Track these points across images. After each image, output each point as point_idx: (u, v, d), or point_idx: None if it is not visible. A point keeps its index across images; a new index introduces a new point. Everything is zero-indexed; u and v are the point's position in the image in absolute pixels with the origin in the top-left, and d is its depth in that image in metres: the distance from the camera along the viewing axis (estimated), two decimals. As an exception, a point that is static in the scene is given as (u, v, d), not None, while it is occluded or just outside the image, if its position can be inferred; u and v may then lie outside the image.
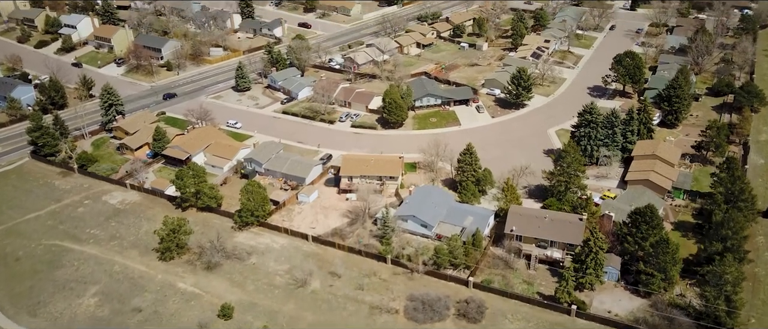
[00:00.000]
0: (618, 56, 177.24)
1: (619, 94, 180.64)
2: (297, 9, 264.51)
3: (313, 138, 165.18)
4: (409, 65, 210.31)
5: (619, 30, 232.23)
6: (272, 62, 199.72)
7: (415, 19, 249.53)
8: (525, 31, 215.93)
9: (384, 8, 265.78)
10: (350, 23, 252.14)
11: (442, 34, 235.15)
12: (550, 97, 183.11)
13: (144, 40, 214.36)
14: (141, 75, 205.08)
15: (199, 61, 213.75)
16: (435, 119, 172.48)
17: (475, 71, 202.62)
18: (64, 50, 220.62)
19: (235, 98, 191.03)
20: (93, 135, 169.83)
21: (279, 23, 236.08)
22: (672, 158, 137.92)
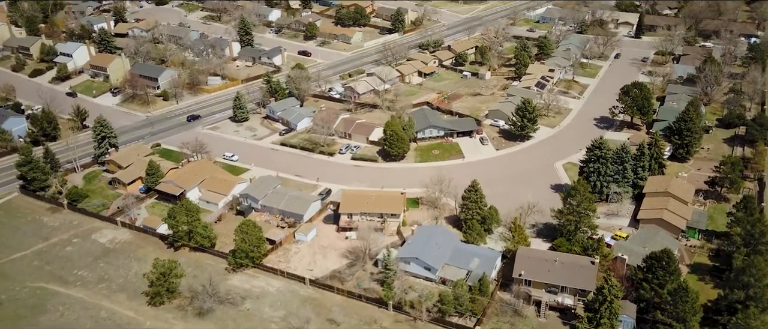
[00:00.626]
0: (625, 87, 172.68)
1: (627, 125, 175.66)
2: (297, 37, 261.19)
3: (312, 171, 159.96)
4: (411, 94, 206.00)
5: (624, 58, 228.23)
6: (271, 92, 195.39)
7: (416, 47, 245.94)
8: (529, 59, 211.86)
9: (385, 36, 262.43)
10: (351, 51, 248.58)
11: (444, 62, 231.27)
12: (556, 128, 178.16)
13: (140, 69, 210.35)
14: (136, 105, 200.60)
15: (197, 90, 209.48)
16: (438, 152, 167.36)
17: (478, 101, 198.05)
18: (58, 79, 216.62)
19: (232, 128, 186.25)
20: (85, 168, 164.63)
21: (278, 51, 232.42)
22: (685, 196, 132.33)
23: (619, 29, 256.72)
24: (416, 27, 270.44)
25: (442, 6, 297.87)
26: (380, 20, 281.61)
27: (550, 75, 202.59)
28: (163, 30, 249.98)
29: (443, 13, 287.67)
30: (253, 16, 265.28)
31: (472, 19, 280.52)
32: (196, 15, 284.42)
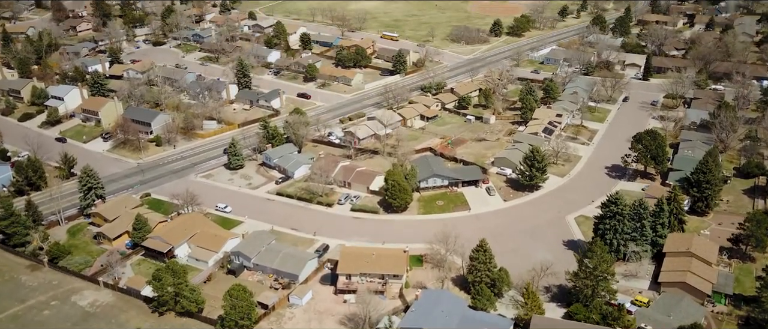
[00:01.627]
0: (638, 135, 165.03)
1: (641, 175, 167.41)
2: (297, 78, 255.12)
3: (309, 224, 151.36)
4: (413, 139, 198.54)
5: (633, 102, 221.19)
6: (268, 138, 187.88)
7: (418, 89, 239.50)
8: (535, 104, 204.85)
9: (386, 78, 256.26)
10: (351, 93, 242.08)
11: (447, 105, 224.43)
12: (566, 177, 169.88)
13: (133, 114, 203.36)
14: (128, 151, 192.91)
15: (191, 135, 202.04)
16: (442, 202, 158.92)
17: (483, 147, 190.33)
18: (48, 124, 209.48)
19: (226, 176, 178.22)
20: (70, 221, 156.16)
21: (277, 94, 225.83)
22: (709, 256, 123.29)
23: (625, 71, 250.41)
24: (418, 68, 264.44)
25: (444, 47, 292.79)
26: (381, 61, 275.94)
27: (558, 120, 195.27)
28: (159, 72, 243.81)
29: (445, 54, 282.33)
30: (252, 58, 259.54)
31: (475, 61, 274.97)
32: (193, 56, 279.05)
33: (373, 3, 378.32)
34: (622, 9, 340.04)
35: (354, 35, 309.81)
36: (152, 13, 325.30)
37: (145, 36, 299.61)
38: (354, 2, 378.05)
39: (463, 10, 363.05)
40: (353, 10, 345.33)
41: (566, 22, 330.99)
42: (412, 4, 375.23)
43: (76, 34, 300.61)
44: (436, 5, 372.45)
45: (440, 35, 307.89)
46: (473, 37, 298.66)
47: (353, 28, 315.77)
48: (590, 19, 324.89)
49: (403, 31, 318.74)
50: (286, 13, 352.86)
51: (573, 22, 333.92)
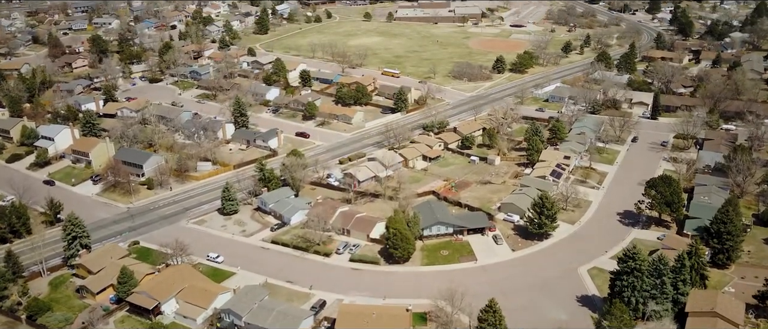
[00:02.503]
0: (651, 181, 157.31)
1: (655, 222, 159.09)
2: (296, 116, 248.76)
3: (305, 276, 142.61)
4: (415, 181, 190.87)
5: (642, 142, 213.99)
6: (263, 181, 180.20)
7: (420, 127, 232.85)
8: (541, 145, 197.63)
9: (387, 116, 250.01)
10: (351, 132, 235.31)
11: (450, 145, 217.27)
12: (576, 225, 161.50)
13: (124, 155, 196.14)
14: (118, 195, 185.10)
15: (185, 177, 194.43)
16: (447, 252, 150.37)
17: (488, 191, 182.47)
18: (37, 165, 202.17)
19: (219, 222, 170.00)
20: (53, 272, 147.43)
21: (274, 134, 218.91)
22: (736, 316, 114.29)
23: (633, 109, 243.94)
24: (420, 106, 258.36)
25: (445, 84, 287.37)
26: (382, 99, 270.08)
27: (566, 162, 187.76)
28: (154, 110, 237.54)
29: (447, 91, 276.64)
30: (250, 96, 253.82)
31: (478, 98, 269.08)
32: (190, 93, 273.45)
33: (373, 39, 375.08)
34: (626, 45, 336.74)
35: (354, 72, 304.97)
36: (150, 49, 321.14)
37: (142, 72, 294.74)
38: (355, 38, 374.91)
39: (465, 46, 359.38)
40: (354, 47, 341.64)
41: (570, 59, 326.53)
42: (413, 41, 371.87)
43: (72, 71, 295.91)
44: (437, 41, 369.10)
45: (442, 72, 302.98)
46: (475, 74, 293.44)
47: (354, 65, 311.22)
48: (594, 55, 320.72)
49: (405, 68, 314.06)
50: (286, 50, 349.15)
51: (577, 58, 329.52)
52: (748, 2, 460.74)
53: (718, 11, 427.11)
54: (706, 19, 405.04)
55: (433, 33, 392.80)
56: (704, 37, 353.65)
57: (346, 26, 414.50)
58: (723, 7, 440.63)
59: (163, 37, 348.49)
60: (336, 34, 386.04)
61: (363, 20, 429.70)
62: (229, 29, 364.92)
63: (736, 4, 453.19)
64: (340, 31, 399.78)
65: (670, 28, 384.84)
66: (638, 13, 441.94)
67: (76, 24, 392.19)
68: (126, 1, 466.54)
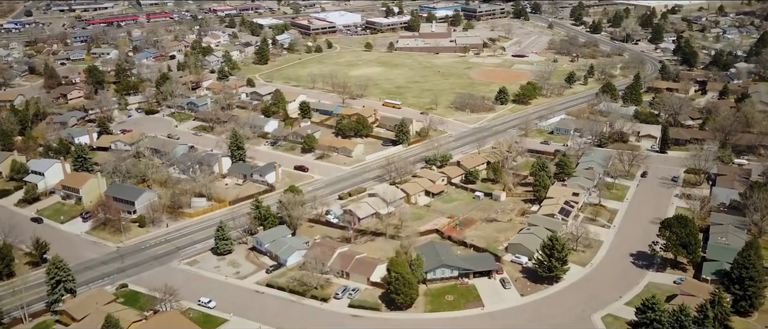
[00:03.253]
0: (666, 221, 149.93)
1: (671, 264, 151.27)
2: (294, 149, 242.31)
3: (302, 323, 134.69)
4: (418, 219, 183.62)
5: (652, 177, 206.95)
6: (259, 219, 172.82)
7: (422, 160, 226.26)
8: (548, 180, 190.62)
9: (388, 148, 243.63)
10: (352, 165, 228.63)
11: (453, 179, 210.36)
12: (588, 267, 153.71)
13: (116, 191, 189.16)
14: (107, 233, 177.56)
15: (178, 214, 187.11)
16: (452, 297, 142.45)
17: (494, 229, 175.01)
18: (26, 202, 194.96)
19: (213, 263, 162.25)
20: (35, 317, 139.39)
21: (272, 168, 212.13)
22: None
23: (641, 142, 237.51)
24: (421, 138, 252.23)
25: (448, 115, 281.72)
26: (383, 131, 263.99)
27: (575, 199, 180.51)
28: (148, 143, 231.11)
29: (450, 122, 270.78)
30: (247, 128, 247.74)
31: (481, 130, 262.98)
32: (187, 125, 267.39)
33: (374, 69, 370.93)
34: (630, 75, 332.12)
35: (355, 103, 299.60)
36: (148, 79, 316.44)
37: (138, 104, 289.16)
38: (355, 69, 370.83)
39: (467, 76, 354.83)
40: (354, 77, 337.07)
41: (574, 89, 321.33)
42: (415, 71, 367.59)
43: (67, 102, 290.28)
44: (438, 72, 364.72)
45: (444, 103, 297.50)
46: (478, 105, 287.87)
47: (354, 96, 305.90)
48: (598, 85, 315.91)
49: (406, 99, 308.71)
50: (286, 80, 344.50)
51: (581, 88, 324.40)
52: (750, 32, 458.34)
53: (721, 41, 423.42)
54: (710, 49, 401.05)
55: (435, 63, 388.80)
56: (709, 68, 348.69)
57: (347, 56, 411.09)
58: (726, 37, 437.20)
59: (161, 67, 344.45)
60: (336, 65, 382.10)
61: (364, 50, 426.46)
62: (228, 59, 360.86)
63: (739, 34, 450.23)
64: (340, 61, 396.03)
65: (674, 59, 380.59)
66: (641, 43, 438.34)
67: (74, 54, 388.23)
68: (125, 32, 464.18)
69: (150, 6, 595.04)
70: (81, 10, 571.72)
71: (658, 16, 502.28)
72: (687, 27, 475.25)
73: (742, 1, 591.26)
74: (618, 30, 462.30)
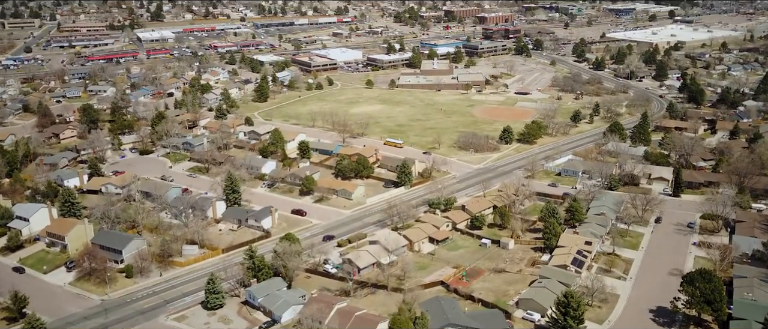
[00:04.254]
0: (689, 276, 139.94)
1: (694, 321, 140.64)
2: (292, 192, 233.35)
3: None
4: (421, 268, 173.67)
5: (666, 223, 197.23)
6: (253, 270, 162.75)
7: (425, 203, 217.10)
8: (558, 227, 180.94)
9: (390, 190, 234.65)
10: (351, 209, 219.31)
11: (458, 224, 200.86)
12: (605, 324, 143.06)
13: (103, 239, 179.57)
14: (92, 284, 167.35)
15: (168, 263, 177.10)
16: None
17: (503, 281, 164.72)
18: (8, 249, 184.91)
19: (202, 319, 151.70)
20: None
21: (268, 213, 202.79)
22: None
23: (652, 185, 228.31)
24: (424, 179, 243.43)
25: (451, 154, 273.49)
26: (384, 171, 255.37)
27: (588, 249, 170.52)
28: (141, 186, 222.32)
29: (453, 162, 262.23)
30: (244, 170, 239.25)
31: (486, 171, 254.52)
32: (182, 166, 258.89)
33: (375, 107, 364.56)
34: (637, 113, 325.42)
35: (356, 142, 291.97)
36: (143, 118, 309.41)
37: (133, 144, 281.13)
38: (356, 106, 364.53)
39: (469, 114, 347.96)
40: (355, 115, 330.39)
41: (580, 128, 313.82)
42: (416, 109, 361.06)
43: (59, 142, 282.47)
44: (440, 109, 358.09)
45: (447, 142, 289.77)
46: (482, 145, 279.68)
47: (355, 134, 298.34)
48: (604, 124, 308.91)
49: (408, 138, 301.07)
50: (285, 118, 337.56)
51: (587, 127, 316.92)
52: (754, 69, 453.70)
53: (727, 78, 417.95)
54: (716, 87, 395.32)
55: (437, 100, 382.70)
56: (717, 106, 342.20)
57: (348, 93, 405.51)
58: (731, 74, 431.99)
59: (158, 105, 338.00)
60: (337, 102, 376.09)
61: (365, 87, 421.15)
62: (226, 97, 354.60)
63: (744, 71, 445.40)
64: (341, 98, 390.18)
65: (680, 96, 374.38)
66: (645, 79, 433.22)
67: (71, 91, 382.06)
68: (124, 68, 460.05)
69: (150, 42, 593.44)
70: (81, 46, 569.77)
71: (661, 53, 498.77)
72: (691, 64, 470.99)
73: (744, 38, 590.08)
74: (621, 67, 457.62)
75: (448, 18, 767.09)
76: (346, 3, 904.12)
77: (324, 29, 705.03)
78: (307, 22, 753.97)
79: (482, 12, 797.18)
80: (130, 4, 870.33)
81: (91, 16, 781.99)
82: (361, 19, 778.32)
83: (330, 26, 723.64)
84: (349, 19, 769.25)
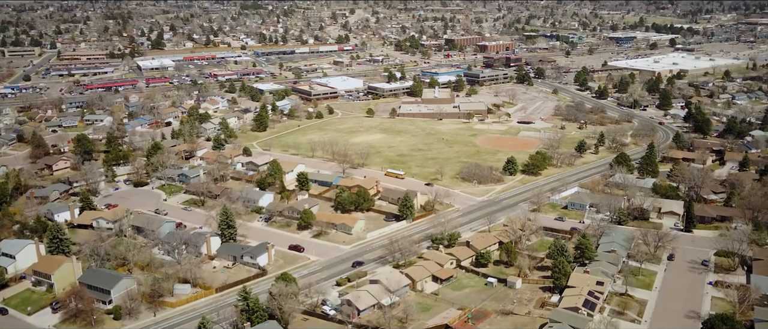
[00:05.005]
0: (710, 322, 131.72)
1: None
2: (290, 226, 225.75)
3: None
4: (425, 310, 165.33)
5: (679, 261, 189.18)
6: (247, 312, 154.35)
7: (427, 239, 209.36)
8: (568, 266, 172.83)
9: (391, 224, 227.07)
10: (351, 244, 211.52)
11: (463, 261, 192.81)
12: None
13: (91, 278, 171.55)
14: (79, 326, 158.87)
15: (158, 303, 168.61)
16: None
17: (511, 324, 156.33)
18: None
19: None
20: None
21: (264, 249, 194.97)
22: None
23: (662, 220, 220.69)
24: (427, 213, 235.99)
25: (454, 186, 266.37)
26: (385, 204, 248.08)
27: (599, 289, 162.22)
28: (132, 220, 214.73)
29: (456, 195, 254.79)
30: (240, 203, 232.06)
31: (490, 203, 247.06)
32: (177, 198, 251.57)
33: (376, 136, 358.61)
34: (642, 143, 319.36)
35: (356, 172, 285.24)
36: (139, 148, 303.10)
37: (127, 175, 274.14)
38: (357, 136, 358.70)
39: (472, 144, 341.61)
40: (356, 144, 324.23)
41: (585, 159, 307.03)
42: (418, 138, 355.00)
43: (52, 174, 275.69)
44: (443, 139, 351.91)
45: (449, 173, 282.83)
46: (486, 176, 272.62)
47: (355, 165, 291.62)
48: (610, 154, 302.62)
49: (409, 168, 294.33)
50: (284, 148, 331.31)
51: (592, 158, 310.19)
52: (759, 97, 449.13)
53: (732, 107, 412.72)
54: (721, 116, 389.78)
55: (438, 130, 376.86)
56: (724, 136, 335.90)
57: (348, 123, 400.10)
58: (736, 103, 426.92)
59: (155, 135, 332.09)
60: (337, 131, 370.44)
61: (365, 116, 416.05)
62: (225, 127, 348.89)
63: (748, 100, 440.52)
64: (341, 127, 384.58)
65: (685, 126, 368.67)
66: (649, 108, 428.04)
67: (67, 120, 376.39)
68: (123, 97, 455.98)
69: (150, 71, 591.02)
70: (80, 74, 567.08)
71: (664, 82, 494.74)
72: (695, 92, 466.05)
73: (747, 66, 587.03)
74: (625, 96, 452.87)
75: (449, 46, 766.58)
76: (347, 31, 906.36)
77: (325, 58, 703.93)
78: (308, 50, 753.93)
79: (483, 40, 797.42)
80: (132, 32, 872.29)
81: (91, 44, 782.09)
82: (362, 48, 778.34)
83: (331, 55, 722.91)
84: (349, 48, 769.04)
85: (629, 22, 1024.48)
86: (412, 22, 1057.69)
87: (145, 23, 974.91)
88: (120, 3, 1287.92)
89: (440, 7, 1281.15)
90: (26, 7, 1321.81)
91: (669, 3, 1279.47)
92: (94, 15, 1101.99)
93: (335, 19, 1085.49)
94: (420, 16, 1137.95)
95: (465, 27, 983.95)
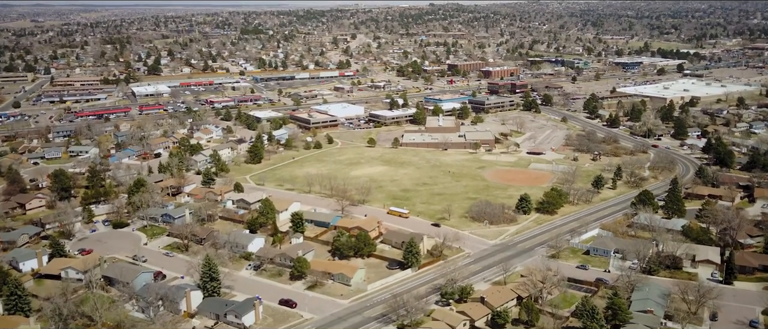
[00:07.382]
0: None
1: None
2: (282, 275, 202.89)
3: None
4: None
5: (724, 321, 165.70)
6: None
7: (436, 292, 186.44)
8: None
9: (395, 272, 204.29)
10: (350, 298, 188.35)
11: (477, 322, 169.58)
12: None
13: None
14: None
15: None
16: None
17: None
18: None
19: None
20: None
21: (251, 307, 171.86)
22: None
23: (698, 269, 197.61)
24: (434, 259, 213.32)
25: (463, 226, 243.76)
26: (388, 248, 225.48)
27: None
28: (105, 269, 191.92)
29: (466, 237, 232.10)
30: (227, 248, 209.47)
31: (503, 247, 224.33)
32: (159, 241, 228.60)
33: (378, 169, 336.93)
34: (661, 177, 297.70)
35: (356, 210, 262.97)
36: (122, 184, 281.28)
37: (106, 215, 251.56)
38: (357, 168, 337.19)
39: (480, 177, 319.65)
40: (356, 178, 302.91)
41: (602, 195, 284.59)
42: (422, 171, 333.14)
43: (24, 214, 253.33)
44: (449, 172, 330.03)
45: (458, 211, 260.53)
46: (497, 215, 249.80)
47: (355, 202, 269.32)
48: (628, 189, 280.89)
49: (414, 205, 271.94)
50: (280, 183, 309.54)
51: (610, 193, 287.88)
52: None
53: (751, 137, 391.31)
54: (741, 146, 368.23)
55: (444, 161, 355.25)
56: (749, 169, 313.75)
57: (349, 153, 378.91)
58: (754, 132, 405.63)
59: (141, 168, 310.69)
60: (337, 163, 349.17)
61: (367, 145, 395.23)
62: (216, 160, 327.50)
63: (766, 128, 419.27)
64: (341, 158, 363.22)
65: (705, 157, 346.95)
66: (664, 138, 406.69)
67: (50, 152, 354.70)
68: (113, 125, 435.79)
69: (145, 97, 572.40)
70: (72, 101, 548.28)
71: (676, 109, 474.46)
72: (710, 120, 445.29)
73: (760, 92, 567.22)
74: (638, 124, 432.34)
75: (452, 72, 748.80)
76: (348, 57, 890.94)
77: (325, 83, 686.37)
78: (308, 76, 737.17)
79: (486, 66, 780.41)
80: (128, 57, 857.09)
81: (86, 69, 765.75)
82: (364, 73, 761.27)
83: (331, 80, 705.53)
84: (350, 73, 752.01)
85: (634, 47, 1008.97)
86: (414, 47, 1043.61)
87: (143, 48, 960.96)
88: (120, 28, 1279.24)
89: (442, 32, 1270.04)
90: (26, 31, 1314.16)
91: (673, 28, 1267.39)
92: (93, 40, 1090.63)
93: (336, 45, 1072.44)
94: (422, 41, 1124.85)
95: (468, 52, 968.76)
